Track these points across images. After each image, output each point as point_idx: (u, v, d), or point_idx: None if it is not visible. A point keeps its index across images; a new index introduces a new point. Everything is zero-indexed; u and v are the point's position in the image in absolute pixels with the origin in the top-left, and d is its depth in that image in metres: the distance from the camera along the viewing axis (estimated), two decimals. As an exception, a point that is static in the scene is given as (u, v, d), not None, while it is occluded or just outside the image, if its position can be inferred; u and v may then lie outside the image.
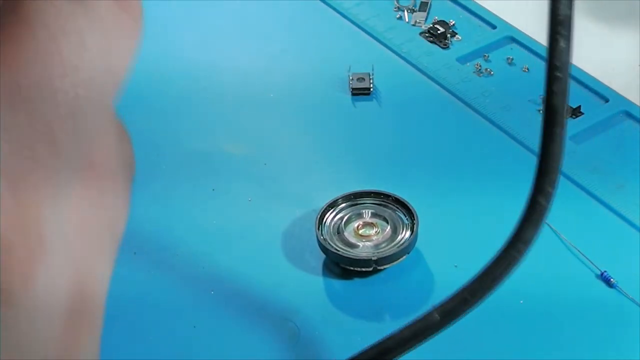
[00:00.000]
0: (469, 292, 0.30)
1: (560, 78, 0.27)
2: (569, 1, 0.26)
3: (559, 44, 0.26)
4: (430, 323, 0.31)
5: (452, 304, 0.31)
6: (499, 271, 0.30)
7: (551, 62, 0.27)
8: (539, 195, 0.28)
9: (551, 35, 0.26)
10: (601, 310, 0.40)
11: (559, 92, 0.27)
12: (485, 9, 0.58)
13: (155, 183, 0.47)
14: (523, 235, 0.29)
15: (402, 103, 0.52)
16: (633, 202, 0.44)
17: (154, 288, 0.41)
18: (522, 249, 0.29)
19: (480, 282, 0.30)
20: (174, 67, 0.55)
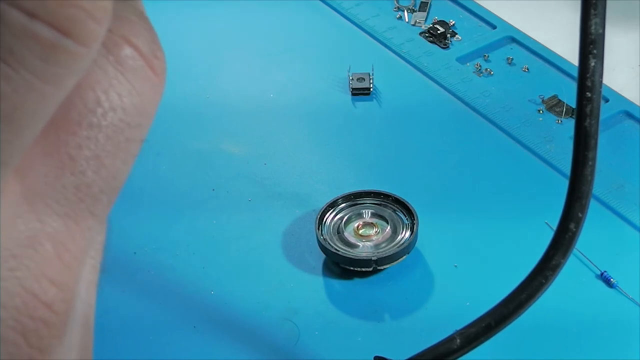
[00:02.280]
0: (494, 318, 0.30)
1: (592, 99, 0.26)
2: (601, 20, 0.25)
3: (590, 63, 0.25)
4: (451, 349, 0.30)
5: (475, 329, 0.30)
6: (524, 297, 0.29)
7: (582, 82, 0.26)
8: (569, 222, 0.28)
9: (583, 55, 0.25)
10: (601, 310, 0.40)
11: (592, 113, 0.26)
12: (485, 9, 0.58)
13: (156, 183, 0.47)
14: (553, 263, 0.29)
15: (402, 103, 0.52)
16: (633, 202, 0.44)
17: (154, 288, 0.41)
18: (549, 276, 0.29)
19: (505, 308, 0.30)
20: (174, 67, 0.55)
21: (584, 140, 0.26)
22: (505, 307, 0.30)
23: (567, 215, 0.28)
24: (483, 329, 0.30)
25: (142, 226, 0.44)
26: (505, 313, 0.30)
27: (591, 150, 0.26)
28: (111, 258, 0.44)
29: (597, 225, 0.44)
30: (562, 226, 0.28)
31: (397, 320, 0.40)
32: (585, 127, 0.26)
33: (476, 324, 0.30)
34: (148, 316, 0.40)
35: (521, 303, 0.29)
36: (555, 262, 0.28)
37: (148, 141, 0.55)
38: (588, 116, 0.26)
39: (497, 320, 0.30)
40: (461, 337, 0.30)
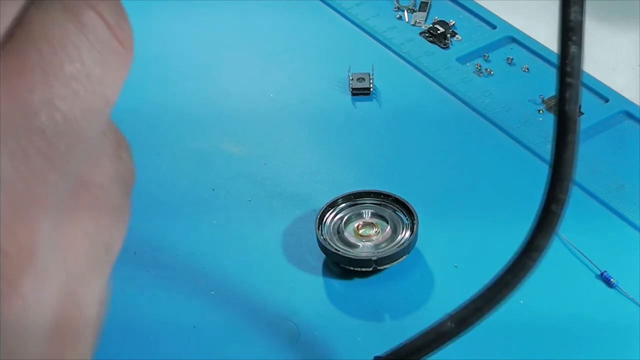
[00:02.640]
0: (483, 301, 0.30)
1: (572, 84, 0.26)
2: (580, 7, 0.26)
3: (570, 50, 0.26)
4: (443, 332, 0.31)
5: (465, 312, 0.30)
6: (511, 279, 0.30)
7: (563, 68, 0.26)
8: (552, 203, 0.28)
9: (562, 41, 0.26)
10: (601, 310, 0.40)
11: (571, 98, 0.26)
12: (485, 9, 0.58)
13: (156, 183, 0.47)
14: (536, 243, 0.29)
15: (402, 103, 0.52)
16: (633, 202, 0.44)
17: (154, 288, 0.41)
18: (534, 256, 0.29)
19: (493, 290, 0.30)
20: (174, 67, 0.55)
21: (564, 124, 0.27)
22: (494, 289, 0.30)
23: (549, 197, 0.28)
24: (474, 312, 0.30)
25: (142, 226, 0.44)
26: (492, 294, 0.30)
27: (571, 133, 0.27)
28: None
29: (597, 225, 0.44)
30: (545, 208, 0.29)
31: (397, 320, 0.40)
32: (565, 112, 0.27)
33: (467, 307, 0.31)
34: (148, 316, 0.40)
35: (509, 285, 0.30)
36: (538, 243, 0.29)
37: (148, 141, 0.55)
38: (568, 101, 0.26)
39: (487, 302, 0.30)
40: (452, 320, 0.31)
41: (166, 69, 0.54)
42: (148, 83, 0.53)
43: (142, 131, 0.50)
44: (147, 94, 0.53)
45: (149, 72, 0.54)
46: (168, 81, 0.54)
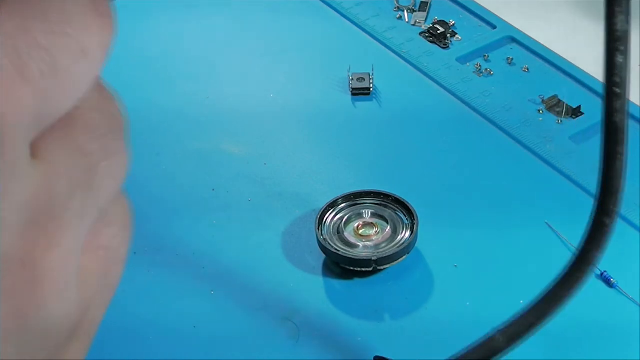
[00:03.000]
0: (535, 316, 0.30)
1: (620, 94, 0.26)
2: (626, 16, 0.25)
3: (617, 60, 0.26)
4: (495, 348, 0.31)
5: (518, 327, 0.30)
6: (564, 293, 0.30)
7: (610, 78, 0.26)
8: (603, 216, 0.28)
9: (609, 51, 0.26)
10: (601, 310, 0.40)
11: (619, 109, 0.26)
12: (485, 9, 0.58)
13: (156, 183, 0.47)
14: (588, 257, 0.29)
15: (402, 103, 0.52)
16: (633, 202, 0.44)
17: (154, 288, 0.41)
18: (586, 269, 0.29)
19: (546, 305, 0.30)
20: (175, 67, 0.55)
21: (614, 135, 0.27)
22: (547, 303, 0.30)
23: (601, 210, 0.28)
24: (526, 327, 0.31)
25: (142, 226, 0.44)
26: (547, 310, 0.30)
27: (621, 144, 0.27)
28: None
29: (597, 225, 0.44)
30: (597, 220, 0.28)
31: (397, 320, 0.40)
32: (614, 123, 0.26)
33: (518, 322, 0.31)
34: (148, 316, 0.40)
35: (562, 299, 0.30)
36: (592, 256, 0.29)
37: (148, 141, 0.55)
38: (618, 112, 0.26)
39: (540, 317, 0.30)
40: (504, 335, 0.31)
41: (166, 69, 0.54)
42: (148, 83, 0.53)
43: (143, 131, 0.50)
44: (147, 94, 0.53)
45: (149, 72, 0.54)
46: (168, 81, 0.54)
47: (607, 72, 0.26)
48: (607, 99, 0.26)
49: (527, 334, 0.30)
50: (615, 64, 0.26)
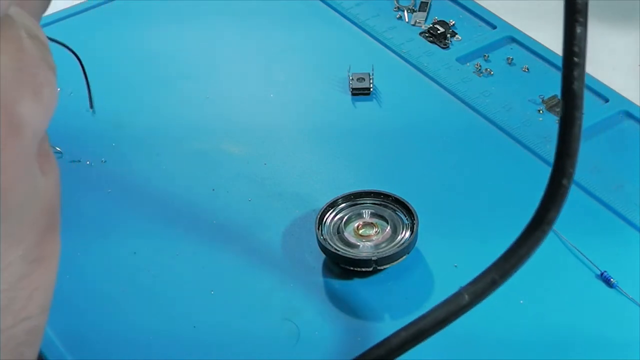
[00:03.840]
0: (497, 273, 0.31)
1: (578, 63, 0.28)
2: None
3: (577, 30, 0.27)
4: (460, 304, 0.32)
5: (481, 284, 0.32)
6: (524, 251, 0.31)
7: (570, 48, 0.28)
8: (561, 177, 0.29)
9: (569, 22, 0.27)
10: (601, 310, 0.40)
11: (578, 77, 0.28)
12: (485, 9, 0.58)
13: (155, 183, 0.47)
14: (547, 216, 0.30)
15: (402, 103, 0.52)
16: (633, 202, 0.44)
17: (154, 288, 0.41)
18: (546, 229, 0.30)
19: (506, 262, 0.31)
20: (174, 67, 0.55)
21: (571, 101, 0.28)
22: (506, 261, 0.31)
23: (559, 171, 0.29)
24: (489, 284, 0.32)
25: (142, 226, 0.44)
26: (507, 267, 0.31)
27: (577, 110, 0.28)
28: (111, 258, 0.44)
29: (597, 225, 0.44)
30: (555, 181, 0.29)
31: (397, 320, 0.40)
32: (572, 90, 0.28)
33: (481, 279, 0.32)
34: (148, 316, 0.40)
35: (522, 257, 0.31)
36: (550, 217, 0.30)
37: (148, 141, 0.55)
38: (576, 79, 0.28)
39: (501, 274, 0.31)
40: (468, 292, 0.32)
41: (166, 69, 0.54)
42: (148, 83, 0.53)
43: (142, 131, 0.50)
44: (147, 94, 0.53)
45: (149, 73, 0.54)
46: (168, 81, 0.54)
47: (566, 42, 0.28)
48: (566, 67, 0.28)
49: (490, 291, 0.32)
50: (574, 34, 0.28)
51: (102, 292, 0.41)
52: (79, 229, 0.44)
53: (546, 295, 0.40)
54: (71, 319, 0.40)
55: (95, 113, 0.51)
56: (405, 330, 0.32)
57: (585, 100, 0.52)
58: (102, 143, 0.49)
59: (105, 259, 0.43)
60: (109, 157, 0.48)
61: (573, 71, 0.28)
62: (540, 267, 0.41)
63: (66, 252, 0.45)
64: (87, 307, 0.41)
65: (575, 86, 0.28)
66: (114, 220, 0.45)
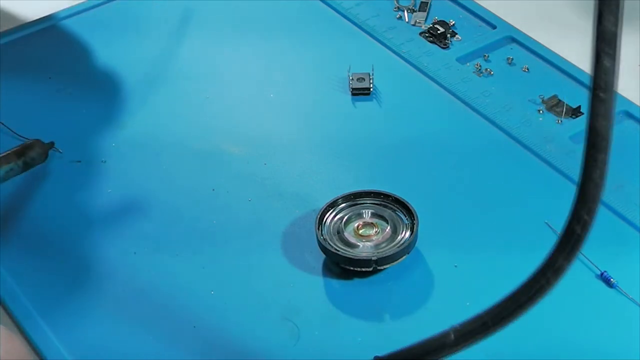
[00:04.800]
0: (491, 317, 0.29)
1: (603, 99, 0.25)
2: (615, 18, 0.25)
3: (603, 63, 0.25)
4: (444, 343, 0.30)
5: (471, 326, 0.29)
6: (525, 299, 0.28)
7: (595, 81, 0.25)
8: (575, 224, 0.27)
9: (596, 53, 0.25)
10: (601, 310, 0.40)
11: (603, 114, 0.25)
12: (485, 9, 0.58)
13: (155, 183, 0.47)
14: (555, 264, 0.28)
15: (402, 103, 0.52)
16: (633, 202, 0.44)
17: (154, 288, 0.41)
18: (551, 278, 0.28)
19: (503, 308, 0.29)
20: (174, 67, 0.55)
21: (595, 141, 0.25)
22: (504, 307, 0.29)
23: (573, 218, 0.27)
24: (480, 327, 0.29)
25: (142, 226, 0.44)
26: (504, 314, 0.29)
27: (602, 152, 0.25)
28: (111, 258, 0.44)
29: (597, 225, 0.43)
30: (569, 228, 0.27)
31: (397, 320, 0.40)
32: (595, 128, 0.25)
33: (473, 322, 0.29)
34: (148, 316, 0.40)
35: (521, 305, 0.29)
36: (558, 265, 0.28)
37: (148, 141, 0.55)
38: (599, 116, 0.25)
39: (495, 319, 0.29)
40: (456, 333, 0.30)
41: (166, 69, 0.54)
42: (147, 83, 0.53)
43: (143, 131, 0.50)
44: (146, 94, 0.53)
45: (149, 73, 0.54)
46: (168, 81, 0.54)
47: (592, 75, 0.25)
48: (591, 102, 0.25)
49: (480, 335, 0.29)
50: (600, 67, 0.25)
51: (102, 292, 0.41)
52: (79, 229, 0.44)
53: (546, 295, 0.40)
54: (71, 319, 0.40)
55: (96, 113, 0.51)
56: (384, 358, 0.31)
57: (584, 101, 0.52)
58: (102, 143, 0.49)
59: (105, 259, 0.43)
60: (109, 157, 0.48)
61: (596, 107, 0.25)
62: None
63: (66, 252, 0.45)
64: (86, 307, 0.41)
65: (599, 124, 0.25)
66: (114, 220, 0.45)
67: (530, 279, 0.28)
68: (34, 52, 0.56)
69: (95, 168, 0.48)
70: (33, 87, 0.53)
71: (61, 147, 0.48)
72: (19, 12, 0.50)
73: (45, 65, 0.55)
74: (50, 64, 0.55)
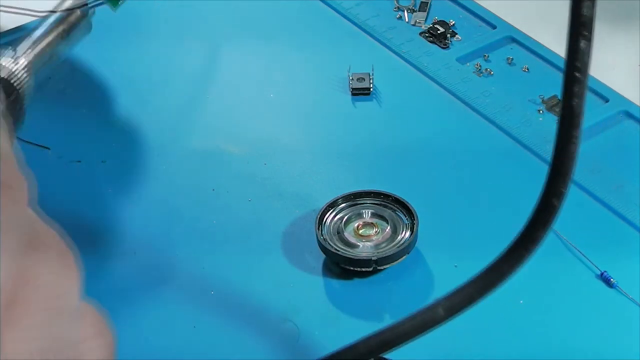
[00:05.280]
0: (475, 289, 0.30)
1: (580, 79, 0.26)
2: (592, 2, 0.26)
3: (580, 45, 0.26)
4: (433, 317, 0.31)
5: (457, 299, 0.31)
6: (506, 268, 0.30)
7: (572, 62, 0.26)
8: (552, 196, 0.28)
9: (573, 36, 0.26)
10: (601, 310, 0.40)
11: (578, 93, 0.27)
12: (485, 9, 0.58)
13: (155, 183, 0.47)
14: (533, 235, 0.29)
15: (402, 103, 0.52)
16: (633, 202, 0.44)
17: (154, 288, 0.41)
18: (530, 248, 0.29)
19: (486, 279, 0.30)
20: (174, 67, 0.55)
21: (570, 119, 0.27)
22: (487, 278, 0.30)
23: (551, 190, 0.28)
24: (466, 299, 0.31)
25: (142, 226, 0.44)
26: (487, 284, 0.30)
27: (576, 128, 0.27)
28: (111, 258, 0.44)
29: (597, 225, 0.44)
30: (545, 200, 0.29)
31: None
32: (571, 106, 0.27)
33: (459, 295, 0.31)
34: (147, 316, 0.40)
35: (503, 274, 0.30)
36: (537, 236, 0.29)
37: (149, 141, 0.55)
38: (576, 96, 0.27)
39: (480, 290, 0.30)
40: (444, 307, 0.31)
41: (166, 69, 0.54)
42: (147, 83, 0.53)
43: (142, 131, 0.50)
44: (146, 94, 0.53)
45: (149, 73, 0.54)
46: (167, 81, 0.54)
47: (568, 57, 0.27)
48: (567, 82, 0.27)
49: (466, 306, 0.31)
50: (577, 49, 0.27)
51: (102, 292, 0.41)
52: (79, 229, 0.44)
53: (546, 295, 0.40)
54: (71, 319, 0.40)
55: (96, 113, 0.51)
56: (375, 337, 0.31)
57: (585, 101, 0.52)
58: (102, 143, 0.49)
59: (105, 259, 0.43)
60: (109, 157, 0.48)
61: (573, 87, 0.27)
62: (540, 267, 0.41)
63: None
64: (87, 307, 0.41)
65: (575, 103, 0.27)
66: (114, 220, 0.45)
67: (510, 249, 0.30)
68: (34, 52, 0.56)
69: (95, 168, 0.48)
70: (33, 86, 0.53)
71: (61, 147, 0.48)
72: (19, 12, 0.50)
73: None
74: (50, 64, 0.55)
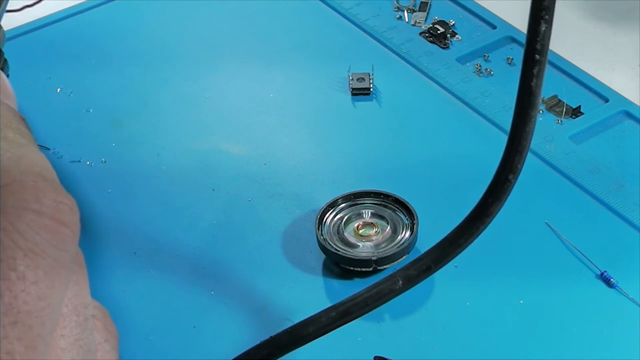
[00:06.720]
0: (432, 259, 0.32)
1: (539, 61, 0.27)
2: None
3: (541, 28, 0.27)
4: (392, 288, 0.32)
5: (415, 270, 0.32)
6: (462, 240, 0.31)
7: (532, 44, 0.27)
8: (508, 172, 0.30)
9: (534, 19, 0.27)
10: (601, 310, 0.40)
11: (537, 74, 0.28)
12: (485, 9, 0.58)
13: (155, 183, 0.47)
14: (488, 209, 0.31)
15: (402, 103, 0.52)
16: (633, 202, 0.44)
17: (154, 288, 0.41)
18: (485, 221, 0.31)
19: (443, 250, 0.32)
20: (174, 67, 0.55)
21: (528, 99, 0.28)
22: (444, 249, 0.32)
23: (507, 166, 0.30)
24: (424, 271, 0.32)
25: (142, 226, 0.44)
26: (444, 255, 0.32)
27: (533, 108, 0.28)
28: (111, 258, 0.44)
29: (597, 225, 0.44)
30: (501, 176, 0.30)
31: (397, 320, 0.40)
32: (530, 87, 0.28)
33: (416, 265, 0.32)
34: (148, 316, 0.40)
35: (459, 245, 0.32)
36: (492, 209, 0.31)
37: (149, 141, 0.55)
38: (535, 77, 0.28)
39: (436, 261, 0.32)
40: (403, 278, 0.32)
41: (166, 69, 0.54)
42: (147, 83, 0.53)
43: (142, 131, 0.50)
44: (146, 94, 0.53)
45: (149, 73, 0.54)
46: (167, 81, 0.54)
47: (529, 39, 0.28)
48: (526, 63, 0.28)
49: (424, 277, 0.32)
50: (538, 32, 0.27)
51: (102, 292, 0.41)
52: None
53: (546, 295, 0.40)
54: (71, 319, 0.40)
55: (96, 113, 0.51)
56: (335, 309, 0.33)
57: (585, 100, 0.52)
58: (102, 143, 0.49)
59: (104, 259, 0.43)
60: (109, 157, 0.48)
61: (532, 68, 0.28)
62: (540, 267, 0.41)
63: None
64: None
65: (533, 84, 0.28)
66: (114, 220, 0.45)
67: (466, 223, 0.31)
68: (34, 52, 0.56)
69: (95, 168, 0.48)
70: (33, 87, 0.53)
71: (61, 147, 0.48)
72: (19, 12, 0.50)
73: (45, 65, 0.55)
74: (50, 64, 0.55)
